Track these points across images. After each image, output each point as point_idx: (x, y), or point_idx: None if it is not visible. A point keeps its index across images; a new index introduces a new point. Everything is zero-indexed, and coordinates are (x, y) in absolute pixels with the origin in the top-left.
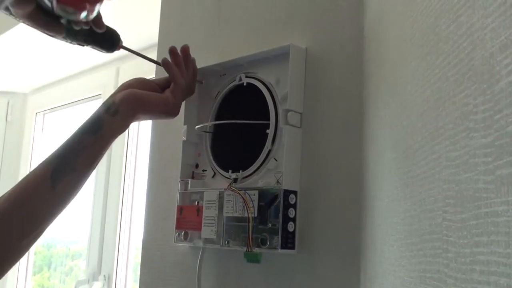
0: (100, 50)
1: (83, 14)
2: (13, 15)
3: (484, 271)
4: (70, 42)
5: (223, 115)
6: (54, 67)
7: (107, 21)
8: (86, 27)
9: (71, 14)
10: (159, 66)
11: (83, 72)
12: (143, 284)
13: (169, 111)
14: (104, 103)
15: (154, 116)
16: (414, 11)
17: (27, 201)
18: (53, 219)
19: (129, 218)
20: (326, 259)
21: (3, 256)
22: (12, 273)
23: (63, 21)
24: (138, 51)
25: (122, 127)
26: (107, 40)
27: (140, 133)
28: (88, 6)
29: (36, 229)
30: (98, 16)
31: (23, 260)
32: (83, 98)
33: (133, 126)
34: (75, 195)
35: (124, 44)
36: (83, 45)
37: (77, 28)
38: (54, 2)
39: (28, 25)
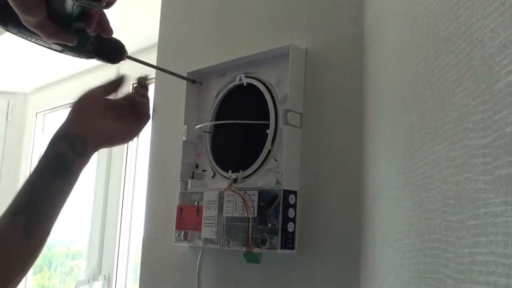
0: (107, 61)
1: (106, 0)
2: (22, 34)
3: (483, 271)
4: (78, 56)
5: (223, 115)
6: (55, 67)
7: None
8: (93, 34)
9: (96, 1)
10: (159, 69)
11: (84, 72)
12: (143, 284)
13: (131, 140)
14: (63, 137)
15: (116, 145)
16: (414, 12)
17: (1, 258)
18: (30, 266)
19: (129, 218)
20: (326, 259)
21: None
22: None
23: (73, 29)
24: (139, 50)
25: (87, 162)
26: (113, 51)
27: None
28: None
29: (14, 279)
30: (105, 21)
31: None
32: None
33: None
34: (48, 237)
35: (124, 43)
36: (91, 58)
37: (90, 31)
38: None
39: (39, 40)
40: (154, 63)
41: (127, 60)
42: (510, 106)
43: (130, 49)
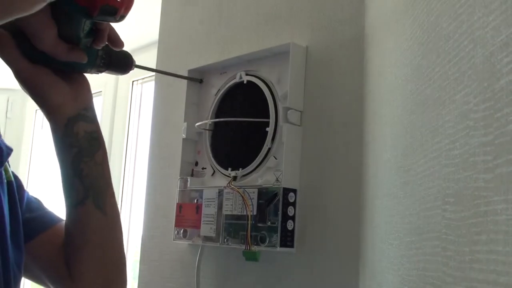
0: (117, 73)
1: (121, 12)
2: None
3: (483, 269)
4: (89, 72)
5: (223, 113)
6: None
7: None
8: (99, 48)
9: (111, 15)
10: (168, 74)
11: None
12: (142, 281)
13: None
14: (73, 120)
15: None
16: (415, 9)
17: (100, 242)
18: (121, 234)
19: (128, 216)
20: (325, 258)
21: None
22: None
23: (82, 45)
24: (139, 48)
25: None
26: (122, 62)
27: (139, 131)
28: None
29: (119, 251)
30: (115, 34)
31: None
32: None
33: (133, 124)
34: (116, 201)
35: (124, 41)
36: (101, 72)
37: (99, 47)
38: (92, 6)
39: (50, 61)
40: (154, 61)
41: None
42: (511, 104)
43: (130, 46)
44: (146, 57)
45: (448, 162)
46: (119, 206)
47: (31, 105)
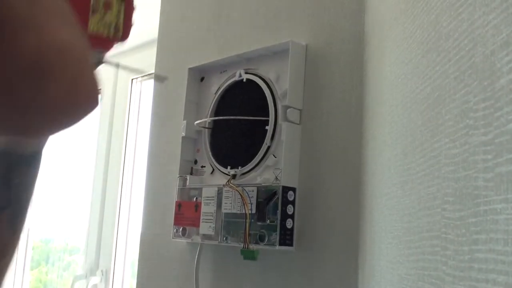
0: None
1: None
2: None
3: (483, 269)
4: None
5: (222, 111)
6: None
7: None
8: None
9: (98, 56)
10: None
11: None
12: (141, 279)
13: None
14: None
15: None
16: (415, 8)
17: None
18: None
19: (127, 213)
20: (324, 256)
21: None
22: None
23: None
24: (138, 46)
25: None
26: None
27: (139, 129)
28: (114, 44)
29: (6, 273)
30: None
31: (20, 255)
32: None
33: (132, 122)
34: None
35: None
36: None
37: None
38: None
39: None
40: (153, 59)
41: (128, 54)
42: (511, 103)
43: (128, 44)
44: (145, 55)
45: (447, 161)
46: (117, 204)
47: None
